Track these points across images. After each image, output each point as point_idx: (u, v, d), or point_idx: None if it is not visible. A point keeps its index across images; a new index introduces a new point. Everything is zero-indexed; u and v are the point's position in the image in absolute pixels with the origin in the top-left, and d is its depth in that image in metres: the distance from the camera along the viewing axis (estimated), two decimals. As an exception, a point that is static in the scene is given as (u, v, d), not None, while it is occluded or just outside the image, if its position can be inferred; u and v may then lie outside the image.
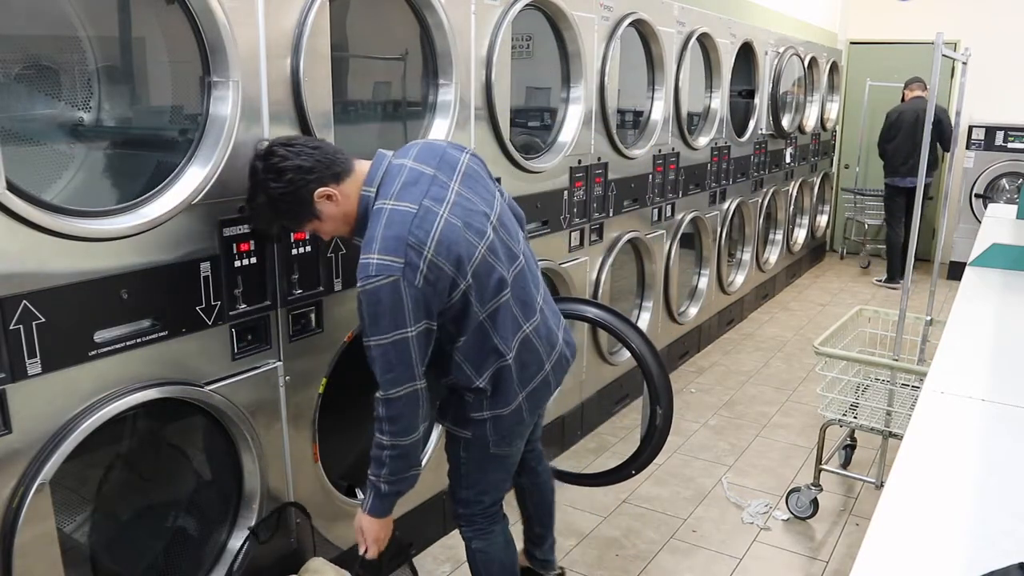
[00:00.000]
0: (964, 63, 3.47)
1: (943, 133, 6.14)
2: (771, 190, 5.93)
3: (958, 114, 3.64)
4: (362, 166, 1.86)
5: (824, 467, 3.13)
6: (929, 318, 3.42)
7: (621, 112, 3.85)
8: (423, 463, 2.14)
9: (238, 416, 2.03)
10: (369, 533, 1.95)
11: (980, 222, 3.85)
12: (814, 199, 7.08)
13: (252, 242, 2.02)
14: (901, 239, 6.73)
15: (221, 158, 1.90)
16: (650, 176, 4.05)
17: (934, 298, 3.59)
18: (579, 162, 3.40)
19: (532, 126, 3.42)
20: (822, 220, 7.51)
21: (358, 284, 1.72)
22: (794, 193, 6.51)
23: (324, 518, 2.38)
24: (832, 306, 6.26)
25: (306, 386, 2.25)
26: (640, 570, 2.82)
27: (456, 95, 2.60)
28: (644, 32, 3.86)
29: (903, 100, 6.70)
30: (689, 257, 4.88)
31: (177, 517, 2.19)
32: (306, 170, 1.77)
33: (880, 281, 7.04)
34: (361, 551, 1.98)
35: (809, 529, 3.11)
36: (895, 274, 6.88)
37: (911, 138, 6.42)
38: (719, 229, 5.04)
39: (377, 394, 1.79)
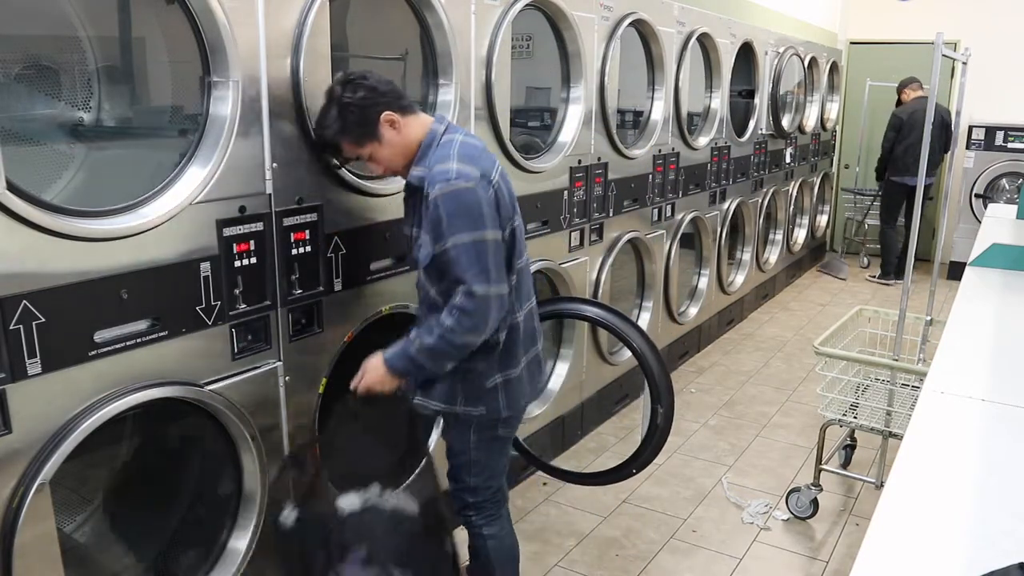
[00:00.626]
0: (964, 63, 3.47)
1: (949, 134, 6.16)
2: (771, 190, 5.92)
3: (958, 114, 3.64)
4: (424, 119, 2.02)
5: (824, 467, 3.13)
6: (929, 318, 3.42)
7: (621, 112, 3.85)
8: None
9: (238, 416, 2.03)
10: (372, 374, 1.99)
11: (980, 222, 3.85)
12: (814, 199, 7.08)
13: (252, 242, 2.02)
14: (900, 237, 6.77)
15: (221, 158, 1.90)
16: (650, 176, 4.05)
17: (934, 298, 3.59)
18: (579, 162, 3.40)
19: (532, 126, 3.42)
20: (822, 220, 7.51)
21: (436, 188, 1.86)
22: (794, 193, 6.51)
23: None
24: (832, 306, 6.27)
25: (306, 386, 2.25)
26: (640, 570, 2.82)
27: (456, 95, 2.60)
28: (644, 32, 3.86)
29: (900, 101, 6.70)
30: (689, 257, 4.88)
31: (177, 517, 2.19)
32: (379, 92, 1.93)
33: (874, 277, 7.10)
34: (354, 383, 2.02)
35: (809, 529, 3.11)
36: (890, 270, 6.95)
37: (919, 141, 6.43)
38: (719, 229, 5.04)
39: (460, 287, 1.86)
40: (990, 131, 6.91)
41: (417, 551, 2.04)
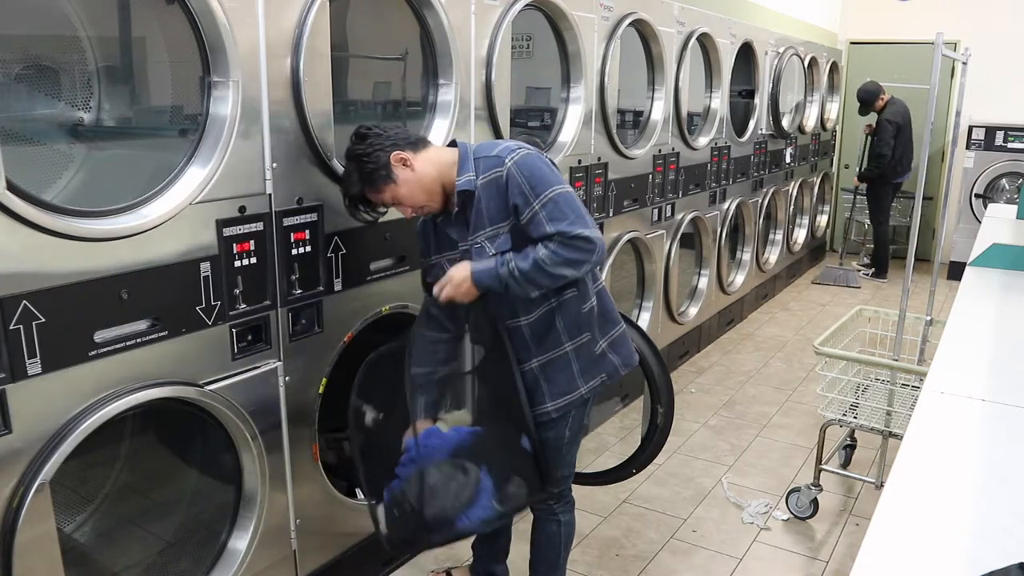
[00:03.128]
0: (964, 63, 3.47)
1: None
2: (771, 190, 5.92)
3: (958, 114, 3.64)
4: (443, 148, 2.08)
5: (824, 467, 3.13)
6: (929, 318, 3.42)
7: (621, 112, 3.84)
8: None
9: (238, 416, 2.03)
10: (458, 283, 2.01)
11: (980, 222, 3.85)
12: (814, 199, 7.08)
13: (252, 242, 2.02)
14: (889, 233, 7.08)
15: (221, 158, 1.90)
16: (650, 176, 4.05)
17: (934, 298, 3.59)
18: (579, 162, 3.40)
19: (532, 126, 3.42)
20: (822, 220, 7.52)
21: (506, 161, 1.94)
22: (794, 193, 6.51)
23: (324, 518, 2.38)
24: (832, 306, 6.26)
25: (306, 386, 2.25)
26: (640, 570, 2.82)
27: (456, 95, 2.60)
28: (644, 32, 3.86)
29: (876, 108, 6.70)
30: (689, 257, 4.88)
31: (177, 517, 2.19)
32: (385, 136, 1.99)
33: (868, 274, 7.18)
34: (436, 289, 2.05)
35: (809, 529, 3.11)
36: (885, 268, 7.08)
37: (910, 139, 6.71)
38: (719, 229, 5.04)
39: (556, 235, 1.92)
40: (990, 131, 6.91)
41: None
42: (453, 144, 2.07)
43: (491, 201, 1.97)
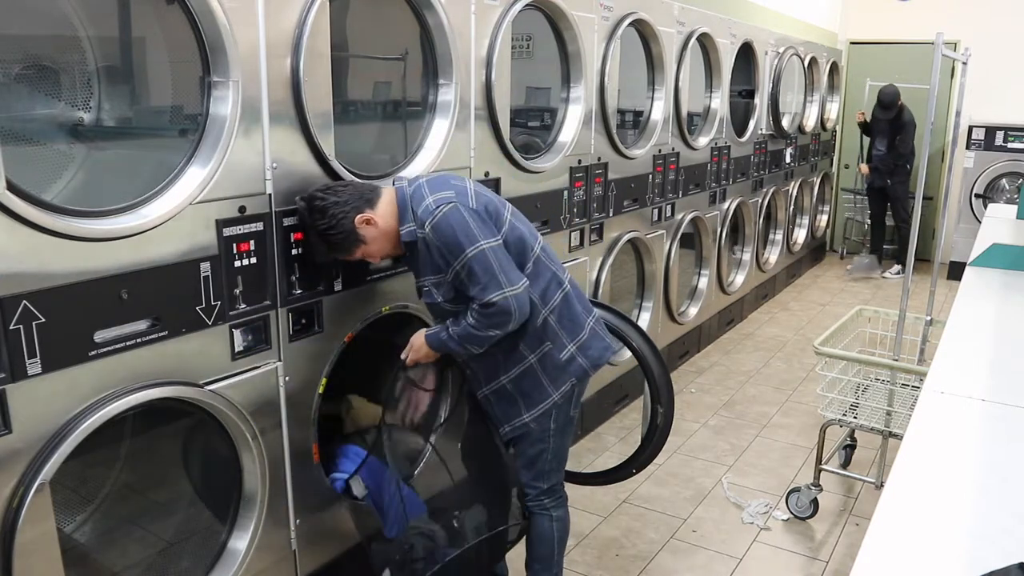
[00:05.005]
0: (964, 63, 3.47)
1: None
2: (771, 190, 5.92)
3: (958, 114, 3.64)
4: (389, 192, 2.12)
5: (824, 467, 3.13)
6: (929, 318, 3.42)
7: (621, 112, 3.84)
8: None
9: (238, 416, 2.03)
10: (417, 348, 2.22)
11: (980, 222, 3.84)
12: (814, 199, 7.08)
13: (252, 242, 2.02)
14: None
15: (221, 158, 1.90)
16: (650, 176, 4.05)
17: (934, 298, 3.59)
18: (579, 162, 3.40)
19: (532, 126, 3.42)
20: (822, 220, 7.52)
21: (426, 225, 2.00)
22: (794, 193, 6.51)
23: (324, 518, 2.38)
24: (832, 306, 6.27)
25: (306, 386, 2.25)
26: (640, 570, 2.82)
27: (456, 95, 2.60)
28: (644, 32, 3.86)
29: (902, 108, 6.69)
30: (689, 257, 4.88)
31: (177, 517, 2.19)
32: (343, 203, 2.04)
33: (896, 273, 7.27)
34: (403, 355, 2.25)
35: (809, 529, 3.11)
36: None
37: None
38: (719, 229, 5.04)
39: (475, 303, 2.02)
40: (990, 131, 6.91)
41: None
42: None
43: (425, 255, 2.07)
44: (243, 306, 2.03)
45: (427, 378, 2.39)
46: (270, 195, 2.05)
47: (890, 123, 6.70)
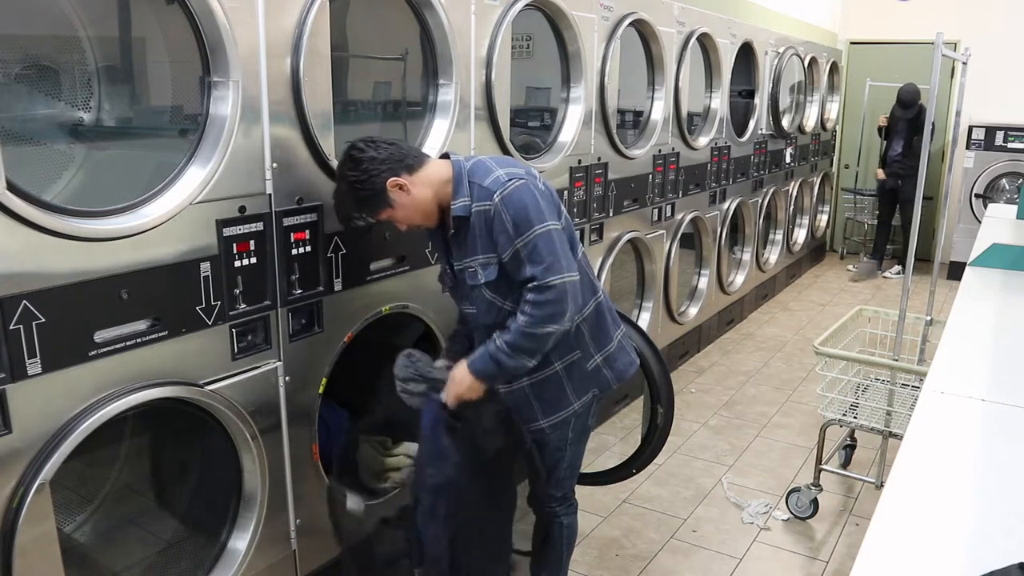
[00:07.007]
0: (964, 63, 3.47)
1: None
2: (771, 190, 5.92)
3: (958, 114, 3.63)
4: (438, 163, 2.02)
5: (824, 467, 3.12)
6: (929, 318, 3.42)
7: (621, 112, 3.84)
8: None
9: (238, 416, 2.03)
10: (460, 381, 2.00)
11: (980, 222, 3.84)
12: (814, 199, 7.08)
13: (252, 242, 2.02)
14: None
15: (221, 158, 1.90)
16: (650, 176, 4.05)
17: (934, 298, 3.58)
18: (579, 162, 3.40)
19: (532, 126, 3.42)
20: (822, 220, 7.51)
21: (495, 196, 1.89)
22: (794, 193, 6.51)
23: (324, 518, 2.38)
24: (832, 306, 6.26)
25: (306, 386, 2.25)
26: (640, 570, 2.82)
27: (456, 95, 2.60)
28: (644, 32, 3.85)
29: (921, 108, 6.66)
30: (689, 257, 4.88)
31: (177, 517, 2.19)
32: (379, 160, 1.93)
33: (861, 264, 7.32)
34: (444, 397, 2.03)
35: (809, 529, 3.11)
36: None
37: None
38: (719, 229, 5.04)
39: (532, 283, 1.90)
40: (990, 131, 6.91)
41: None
42: (446, 155, 2.04)
43: (481, 230, 1.95)
44: (243, 306, 2.03)
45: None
46: (270, 195, 2.05)
47: (909, 122, 6.67)
